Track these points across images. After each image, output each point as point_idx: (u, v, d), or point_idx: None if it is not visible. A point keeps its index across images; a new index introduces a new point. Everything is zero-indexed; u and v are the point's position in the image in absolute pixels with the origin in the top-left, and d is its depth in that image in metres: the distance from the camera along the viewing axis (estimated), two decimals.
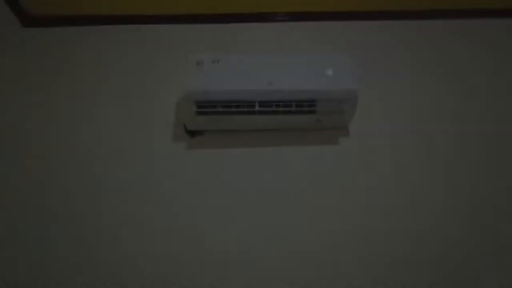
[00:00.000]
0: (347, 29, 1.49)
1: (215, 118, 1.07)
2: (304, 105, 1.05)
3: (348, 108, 1.06)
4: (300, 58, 1.13)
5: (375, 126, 1.18)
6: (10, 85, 1.30)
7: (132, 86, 1.28)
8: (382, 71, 1.33)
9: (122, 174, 1.08)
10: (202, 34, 1.43)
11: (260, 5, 1.53)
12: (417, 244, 0.96)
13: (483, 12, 1.57)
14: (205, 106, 1.04)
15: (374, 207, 1.02)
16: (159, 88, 1.26)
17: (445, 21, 1.50)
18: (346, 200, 1.04)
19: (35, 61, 1.37)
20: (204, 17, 1.52)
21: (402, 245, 0.96)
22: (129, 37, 1.44)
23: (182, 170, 1.09)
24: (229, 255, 0.94)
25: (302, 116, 1.08)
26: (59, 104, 1.24)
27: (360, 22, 1.52)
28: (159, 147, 1.13)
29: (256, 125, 1.12)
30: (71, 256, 0.93)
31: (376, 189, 1.06)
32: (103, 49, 1.40)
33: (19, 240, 0.95)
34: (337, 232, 0.98)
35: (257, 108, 1.04)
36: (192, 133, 1.15)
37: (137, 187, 1.05)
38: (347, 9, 1.56)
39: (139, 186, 1.06)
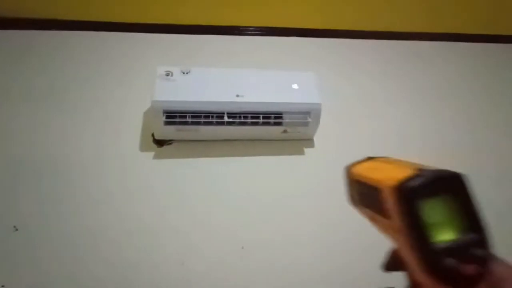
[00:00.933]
0: (315, 45, 1.56)
1: (183, 128, 1.08)
2: (271, 117, 1.10)
3: (312, 120, 1.11)
4: (268, 72, 1.18)
5: (338, 137, 1.24)
6: None
7: (98, 93, 1.26)
8: (346, 86, 1.41)
9: (88, 182, 1.05)
10: (172, 44, 1.44)
11: (232, 18, 1.58)
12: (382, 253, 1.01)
13: (441, 35, 1.72)
14: (174, 116, 1.05)
15: (338, 212, 1.07)
16: (126, 96, 1.25)
17: (411, 42, 1.63)
18: (312, 207, 1.08)
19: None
20: (175, 27, 1.54)
21: (364, 253, 1.01)
22: (98, 44, 1.42)
23: (149, 179, 1.08)
24: (195, 265, 0.94)
25: (269, 127, 1.12)
26: (21, 112, 1.19)
27: (328, 39, 1.61)
28: (126, 156, 1.12)
29: (224, 136, 1.15)
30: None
31: (339, 195, 1.11)
32: (70, 55, 1.37)
33: None
34: (301, 239, 1.01)
35: (225, 119, 1.07)
36: (160, 143, 1.15)
37: (103, 196, 1.03)
38: (315, 27, 1.66)
39: (105, 194, 1.04)
